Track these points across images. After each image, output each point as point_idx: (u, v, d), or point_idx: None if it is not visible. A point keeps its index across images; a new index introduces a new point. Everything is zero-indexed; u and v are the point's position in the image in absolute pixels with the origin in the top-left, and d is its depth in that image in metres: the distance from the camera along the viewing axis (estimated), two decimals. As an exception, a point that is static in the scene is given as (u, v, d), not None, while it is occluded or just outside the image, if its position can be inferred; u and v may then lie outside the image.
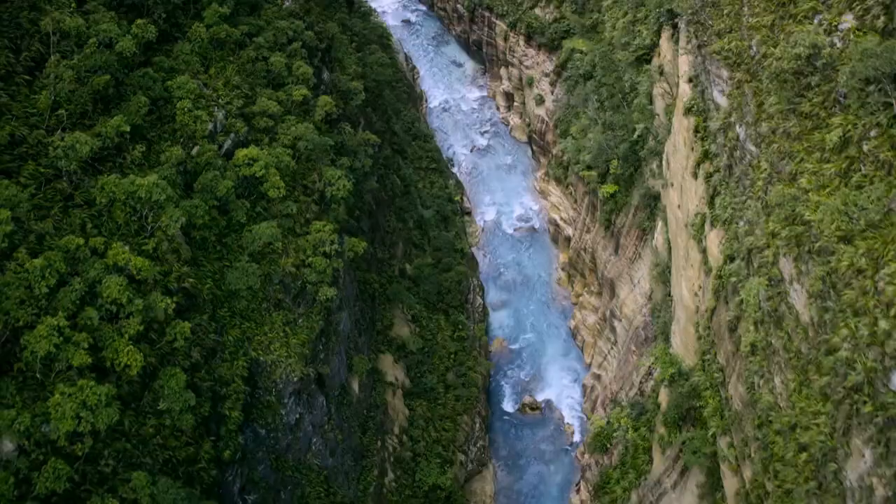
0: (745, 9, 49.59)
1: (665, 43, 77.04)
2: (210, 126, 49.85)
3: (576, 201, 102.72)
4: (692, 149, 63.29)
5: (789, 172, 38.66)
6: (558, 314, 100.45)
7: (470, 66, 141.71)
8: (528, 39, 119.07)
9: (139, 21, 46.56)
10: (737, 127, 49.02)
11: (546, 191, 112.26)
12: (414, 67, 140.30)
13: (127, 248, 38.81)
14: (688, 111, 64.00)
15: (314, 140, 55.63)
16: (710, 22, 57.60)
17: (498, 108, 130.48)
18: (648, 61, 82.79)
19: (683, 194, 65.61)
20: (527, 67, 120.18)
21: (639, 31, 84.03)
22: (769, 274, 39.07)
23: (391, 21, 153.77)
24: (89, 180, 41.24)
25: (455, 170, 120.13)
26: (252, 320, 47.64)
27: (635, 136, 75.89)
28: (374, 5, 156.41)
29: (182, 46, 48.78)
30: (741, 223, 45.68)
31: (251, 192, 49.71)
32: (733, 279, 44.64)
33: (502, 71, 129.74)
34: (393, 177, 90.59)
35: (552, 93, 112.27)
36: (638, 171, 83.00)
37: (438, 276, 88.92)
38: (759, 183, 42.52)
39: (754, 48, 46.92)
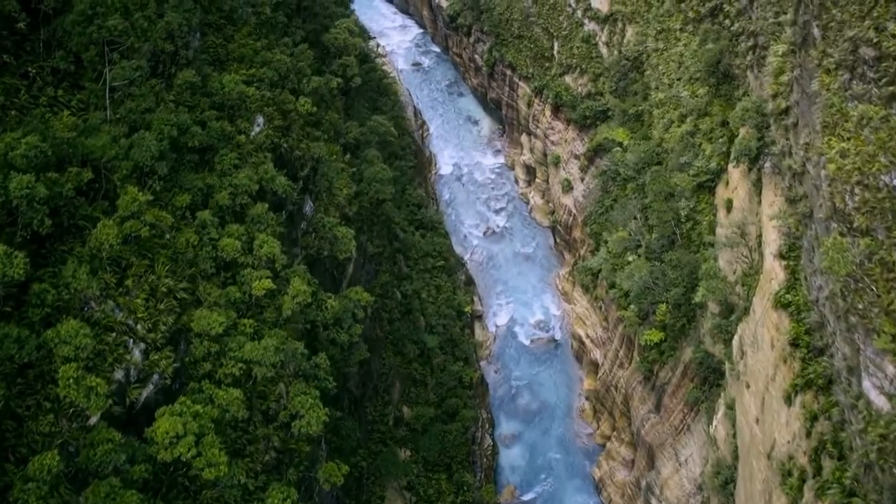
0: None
1: (738, 176, 61.17)
2: (120, 375, 34.49)
3: (606, 319, 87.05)
4: (784, 360, 47.68)
5: None
6: (580, 455, 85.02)
7: (486, 124, 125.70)
8: (556, 111, 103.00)
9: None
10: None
11: (570, 294, 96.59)
12: (423, 124, 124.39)
13: None
14: (780, 305, 48.35)
15: (279, 356, 40.25)
16: (822, 186, 41.42)
17: (517, 182, 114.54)
18: (712, 189, 66.96)
19: (766, 411, 50.07)
20: (552, 143, 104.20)
21: (701, 147, 68.10)
22: None
23: (401, 64, 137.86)
24: None
25: (466, 256, 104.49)
26: None
27: (699, 298, 60.06)
28: (384, 42, 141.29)
29: (69, 270, 32.86)
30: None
31: (173, 486, 34.35)
32: None
33: (523, 138, 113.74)
34: (391, 301, 75.07)
35: (582, 180, 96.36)
36: (692, 325, 67.39)
37: (441, 426, 73.70)
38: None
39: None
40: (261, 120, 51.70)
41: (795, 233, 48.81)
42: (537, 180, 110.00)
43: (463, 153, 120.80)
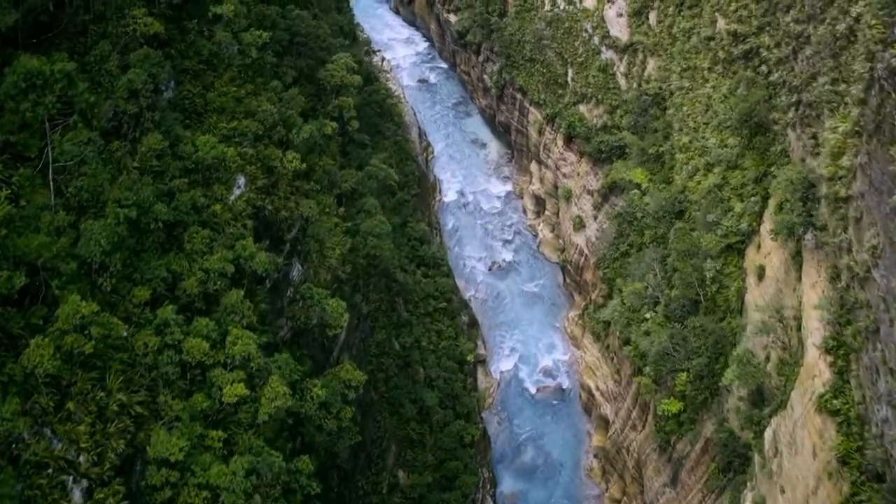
0: None
1: (771, 244, 55.15)
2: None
3: (618, 373, 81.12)
4: (829, 476, 41.82)
5: None
6: (587, 518, 79.36)
7: (494, 148, 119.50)
8: (569, 141, 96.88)
9: None
10: None
11: (579, 339, 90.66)
12: (428, 146, 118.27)
13: None
14: (826, 410, 42.48)
15: (251, 480, 34.55)
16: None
17: (525, 212, 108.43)
18: (742, 251, 60.94)
19: (806, 525, 44.23)
20: (564, 175, 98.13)
21: (730, 202, 62.04)
22: None
23: (407, 80, 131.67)
24: None
25: (470, 293, 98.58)
26: None
27: (726, 380, 54.12)
28: (389, 55, 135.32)
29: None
30: None
31: None
32: None
33: (533, 166, 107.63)
34: (388, 359, 69.22)
35: (595, 219, 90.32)
36: (715, 399, 61.48)
37: (440, 494, 68.00)
38: None
39: None
40: (242, 181, 45.84)
41: (843, 329, 42.95)
42: (547, 212, 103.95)
43: (469, 179, 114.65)
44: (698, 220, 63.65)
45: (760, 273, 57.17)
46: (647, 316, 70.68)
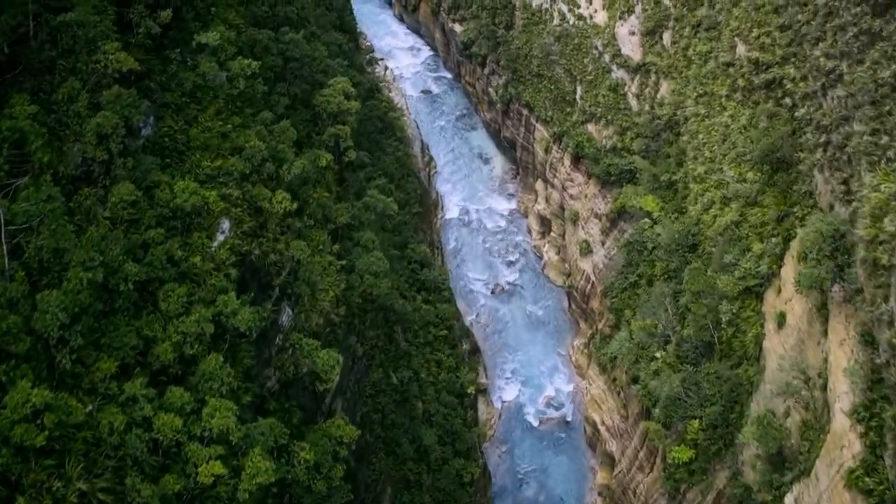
0: None
1: (793, 290, 51.52)
2: None
3: (624, 408, 77.62)
4: (861, 563, 38.37)
5: None
6: (591, 560, 76.01)
7: (499, 163, 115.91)
8: (576, 161, 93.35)
9: None
10: None
11: (584, 369, 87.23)
12: (431, 160, 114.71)
13: None
14: (856, 487, 39.03)
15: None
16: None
17: (530, 232, 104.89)
18: (760, 294, 57.38)
19: None
20: (571, 196, 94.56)
21: (748, 241, 58.46)
22: None
23: (410, 90, 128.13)
24: None
25: (472, 316, 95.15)
26: None
27: (743, 439, 50.64)
28: (392, 64, 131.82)
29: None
30: None
31: None
32: None
33: (539, 185, 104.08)
34: (385, 397, 65.80)
35: (603, 244, 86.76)
36: (729, 449, 57.95)
37: (436, 541, 64.72)
38: None
39: None
40: (226, 225, 42.34)
41: (876, 400, 39.46)
42: (552, 233, 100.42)
43: (472, 195, 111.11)
44: (714, 260, 60.04)
45: (780, 320, 53.63)
46: (658, 355, 67.14)
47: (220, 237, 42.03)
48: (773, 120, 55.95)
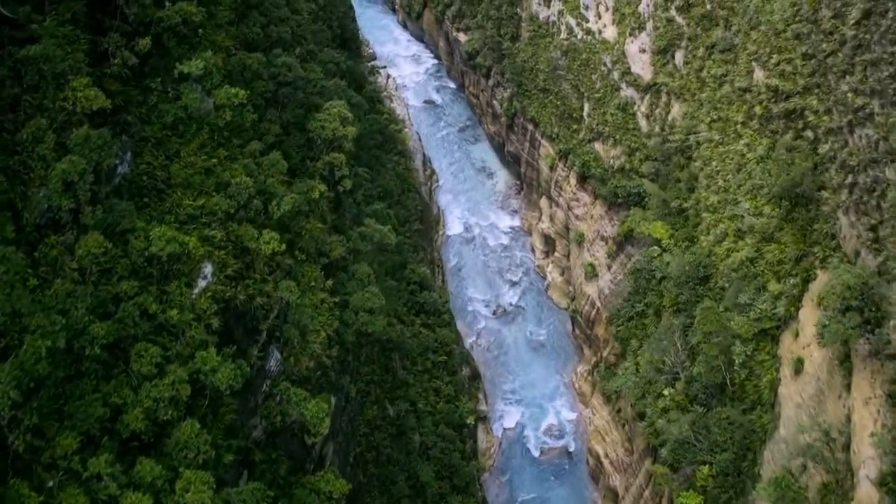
0: None
1: (813, 332, 48.50)
2: None
3: (629, 441, 74.68)
4: None
5: None
6: None
7: (503, 178, 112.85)
8: (582, 180, 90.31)
9: None
10: None
11: (587, 397, 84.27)
12: (433, 174, 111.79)
13: None
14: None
15: None
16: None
17: (533, 250, 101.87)
18: (775, 337, 54.36)
19: None
20: (576, 216, 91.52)
21: (764, 280, 55.40)
22: None
23: (412, 100, 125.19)
24: None
25: (472, 339, 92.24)
26: None
27: (757, 495, 47.66)
28: (394, 73, 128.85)
29: None
30: None
31: None
32: None
33: (543, 202, 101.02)
34: (380, 433, 62.93)
35: (609, 268, 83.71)
36: (741, 500, 54.91)
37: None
38: None
39: None
40: (208, 270, 39.36)
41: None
42: (557, 253, 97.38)
43: (475, 211, 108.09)
44: (728, 298, 56.98)
45: (798, 367, 50.65)
46: (666, 392, 64.23)
47: (202, 283, 39.04)
48: (793, 153, 52.81)
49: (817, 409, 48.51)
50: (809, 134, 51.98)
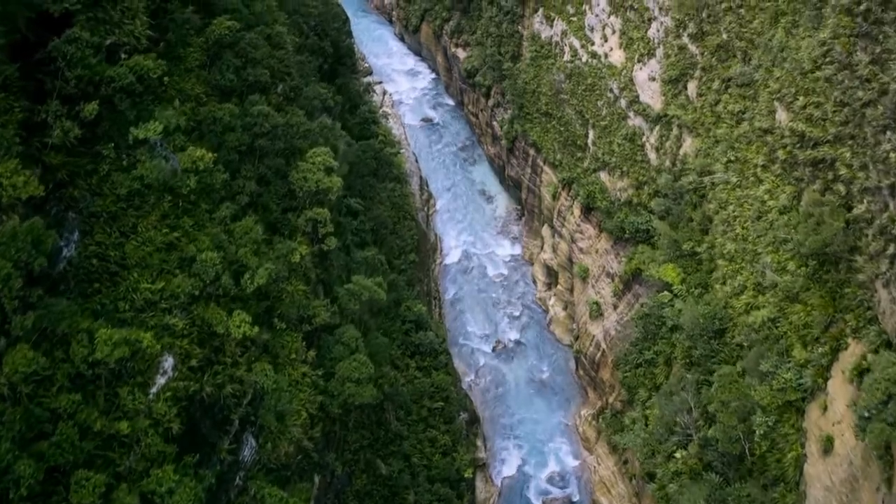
0: None
1: (845, 405, 43.85)
2: None
3: (636, 496, 70.00)
4: None
5: None
6: None
7: (503, 202, 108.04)
8: (587, 212, 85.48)
9: None
10: None
11: (591, 443, 79.55)
12: (430, 198, 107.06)
13: None
14: None
15: None
16: None
17: (534, 282, 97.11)
18: (801, 409, 49.60)
19: None
20: (580, 249, 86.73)
21: (788, 345, 50.62)
22: None
23: (409, 117, 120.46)
24: None
25: (471, 377, 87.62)
26: None
27: None
28: (391, 89, 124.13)
29: None
30: None
31: None
32: None
33: (545, 231, 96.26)
34: (371, 501, 58.22)
35: (615, 308, 78.94)
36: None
37: None
38: None
39: None
40: (168, 364, 34.72)
41: None
42: (559, 286, 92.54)
43: (474, 237, 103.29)
44: (748, 364, 52.19)
45: (827, 446, 45.97)
46: (678, 455, 59.51)
47: (161, 380, 34.39)
48: (822, 208, 47.94)
49: (850, 497, 43.86)
50: (841, 188, 47.10)
